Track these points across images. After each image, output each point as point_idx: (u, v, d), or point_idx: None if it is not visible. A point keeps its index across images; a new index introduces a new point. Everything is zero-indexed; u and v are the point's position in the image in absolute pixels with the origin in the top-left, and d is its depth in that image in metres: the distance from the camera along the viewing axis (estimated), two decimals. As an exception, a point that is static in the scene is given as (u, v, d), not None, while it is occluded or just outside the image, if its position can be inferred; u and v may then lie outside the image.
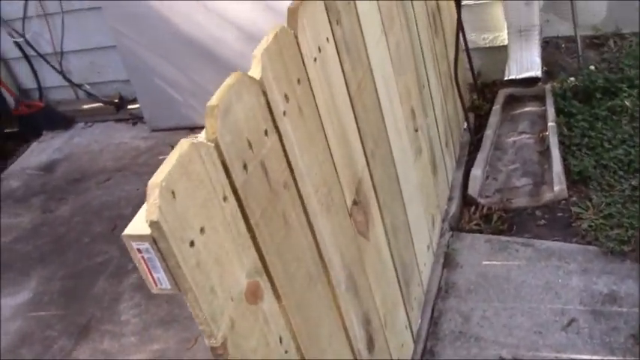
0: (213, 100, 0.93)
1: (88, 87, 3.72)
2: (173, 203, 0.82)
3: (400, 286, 1.75)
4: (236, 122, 0.97)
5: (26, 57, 3.70)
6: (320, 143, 1.26)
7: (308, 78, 1.23)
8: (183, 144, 0.85)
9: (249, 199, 1.00)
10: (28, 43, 3.59)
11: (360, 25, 1.52)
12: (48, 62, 3.64)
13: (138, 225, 0.81)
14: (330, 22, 1.34)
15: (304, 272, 1.17)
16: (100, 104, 3.74)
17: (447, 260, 2.18)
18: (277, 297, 1.09)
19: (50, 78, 3.77)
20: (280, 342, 1.07)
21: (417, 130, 1.98)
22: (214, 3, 2.98)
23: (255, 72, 1.05)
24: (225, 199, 0.93)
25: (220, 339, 0.91)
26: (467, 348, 1.86)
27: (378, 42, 1.66)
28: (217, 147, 0.93)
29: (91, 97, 3.75)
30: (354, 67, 1.47)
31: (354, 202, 1.44)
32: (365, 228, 1.50)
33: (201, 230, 0.87)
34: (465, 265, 2.18)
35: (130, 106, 3.69)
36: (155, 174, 0.81)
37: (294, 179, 1.16)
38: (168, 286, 0.86)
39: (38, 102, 3.85)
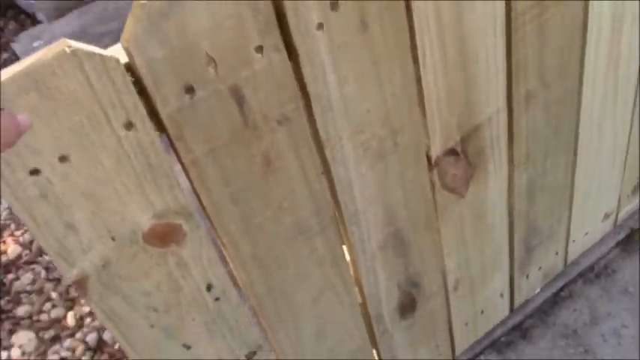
0: (144, -5, 0.64)
1: None
2: (0, 123, 0.61)
3: (512, 250, 1.37)
4: (186, 31, 0.68)
5: None
6: (393, 71, 0.89)
7: (403, -18, 0.82)
8: (50, 51, 0.62)
9: (185, 131, 0.74)
10: None
11: None
12: None
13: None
14: None
15: (288, 222, 0.92)
16: None
17: (630, 240, 1.66)
18: (222, 244, 0.87)
19: None
20: (208, 290, 0.88)
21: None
22: None
23: (269, -38, 0.71)
24: (129, 126, 0.70)
25: (75, 276, 0.75)
26: (568, 354, 1.48)
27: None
28: (131, 59, 0.67)
29: None
30: (543, -28, 0.98)
31: (452, 152, 1.07)
32: (461, 183, 1.13)
33: (62, 159, 0.67)
34: (646, 256, 1.65)
35: None
36: (-11, 79, 0.61)
37: (311, 115, 0.85)
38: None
39: None
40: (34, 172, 0.66)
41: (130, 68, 0.67)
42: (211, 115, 0.75)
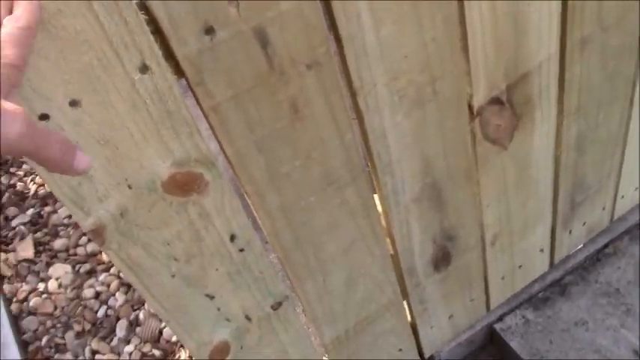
0: None
1: None
2: (5, 65, 0.57)
3: (556, 205, 1.31)
4: (204, -34, 0.62)
5: None
6: (435, 13, 0.82)
7: None
8: (55, -15, 0.57)
9: (205, 75, 0.69)
10: None
11: None
12: None
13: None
14: None
15: (318, 172, 0.87)
16: None
17: (683, 195, 1.57)
18: (247, 194, 0.83)
19: None
20: (232, 240, 0.85)
21: None
22: None
23: None
24: (144, 69, 0.65)
25: (92, 225, 0.73)
26: (608, 313, 1.42)
27: None
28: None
29: None
30: None
31: (496, 101, 1.00)
32: (505, 134, 1.06)
33: (73, 103, 0.63)
34: (701, 214, 1.55)
35: None
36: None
37: (344, 59, 0.79)
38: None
39: None
40: (44, 117, 0.62)
41: (143, 7, 0.62)
42: (233, 58, 0.70)
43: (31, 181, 2.02)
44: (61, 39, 0.59)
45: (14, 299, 1.73)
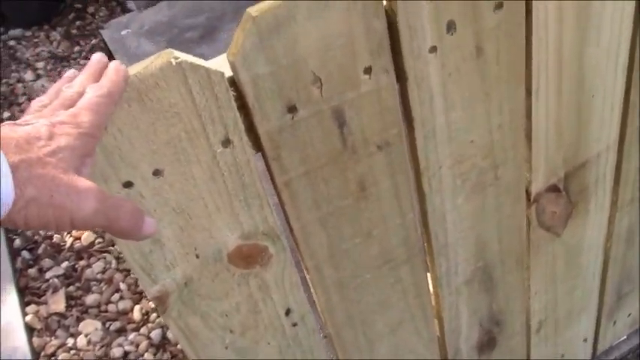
0: (255, 9, 0.61)
1: None
2: (99, 133, 0.59)
3: (602, 295, 1.28)
4: (294, 47, 0.64)
5: None
6: (504, 102, 0.83)
7: (528, 9, 0.76)
8: (155, 61, 0.59)
9: (282, 151, 0.70)
10: None
11: None
12: None
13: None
14: None
15: (376, 250, 0.87)
16: None
17: None
18: (306, 268, 0.83)
19: None
20: (287, 314, 0.84)
21: None
22: None
23: (391, -18, 0.67)
24: (226, 143, 0.66)
25: (157, 292, 0.73)
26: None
27: None
28: (235, 73, 0.63)
29: None
30: (676, 3, 0.89)
31: (553, 189, 1.00)
32: (559, 222, 1.06)
33: (156, 173, 0.64)
34: None
35: None
36: (88, 86, 0.58)
37: (413, 141, 0.80)
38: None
39: None
40: (128, 184, 0.63)
41: (233, 83, 0.64)
42: (310, 135, 0.71)
43: (68, 233, 2.04)
44: (154, 111, 0.60)
45: (42, 353, 1.72)
